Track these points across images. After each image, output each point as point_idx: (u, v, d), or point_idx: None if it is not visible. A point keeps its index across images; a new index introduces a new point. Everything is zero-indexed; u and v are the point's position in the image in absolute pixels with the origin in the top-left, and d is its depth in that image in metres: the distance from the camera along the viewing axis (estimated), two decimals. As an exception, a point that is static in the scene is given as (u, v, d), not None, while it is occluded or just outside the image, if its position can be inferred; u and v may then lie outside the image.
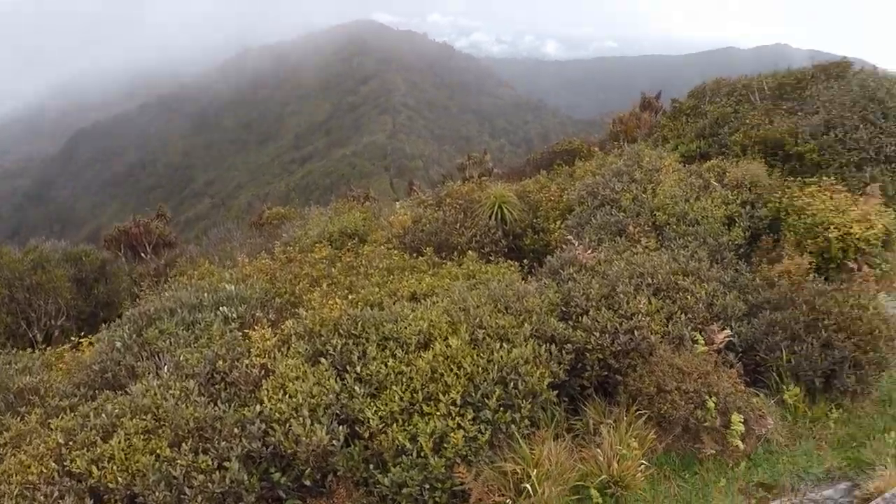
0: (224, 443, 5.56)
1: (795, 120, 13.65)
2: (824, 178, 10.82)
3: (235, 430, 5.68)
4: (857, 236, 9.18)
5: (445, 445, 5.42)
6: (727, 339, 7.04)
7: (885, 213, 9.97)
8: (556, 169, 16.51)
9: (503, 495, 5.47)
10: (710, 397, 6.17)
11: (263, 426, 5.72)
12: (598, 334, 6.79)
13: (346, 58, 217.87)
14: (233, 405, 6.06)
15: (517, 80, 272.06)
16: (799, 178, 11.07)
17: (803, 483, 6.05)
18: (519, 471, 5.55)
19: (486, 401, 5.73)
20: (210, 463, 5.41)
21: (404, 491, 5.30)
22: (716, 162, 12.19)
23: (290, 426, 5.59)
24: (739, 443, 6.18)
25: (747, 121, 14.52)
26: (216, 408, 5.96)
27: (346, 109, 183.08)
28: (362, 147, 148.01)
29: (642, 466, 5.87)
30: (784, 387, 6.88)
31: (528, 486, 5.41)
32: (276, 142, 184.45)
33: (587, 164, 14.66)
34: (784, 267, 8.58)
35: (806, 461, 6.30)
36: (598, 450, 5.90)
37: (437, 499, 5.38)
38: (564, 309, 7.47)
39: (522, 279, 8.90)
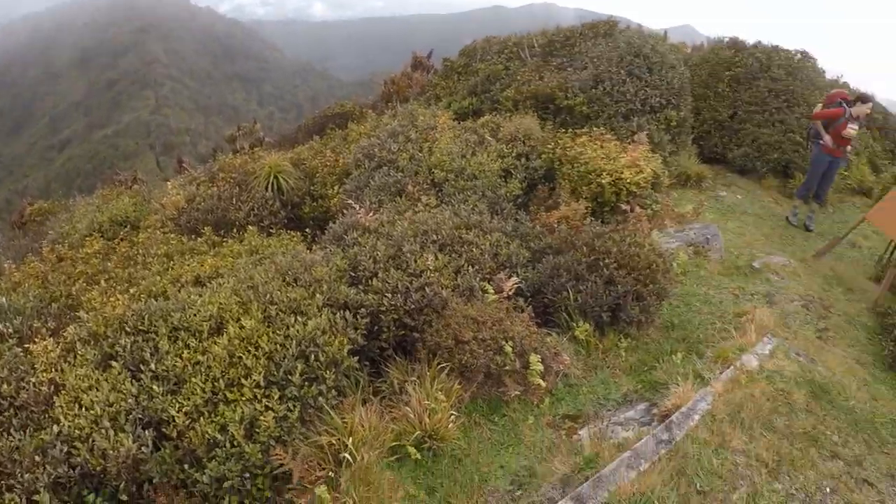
0: (28, 475, 5.32)
1: (565, 75, 15.07)
2: (594, 128, 12.16)
3: (37, 458, 5.44)
4: (628, 181, 10.48)
5: (257, 430, 5.53)
6: (515, 285, 7.75)
7: (653, 158, 11.45)
8: (330, 133, 16.96)
9: (324, 469, 5.73)
10: (507, 342, 6.80)
11: (65, 447, 5.53)
12: (390, 295, 7.18)
13: (102, 28, 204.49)
14: (28, 431, 5.75)
15: (285, 43, 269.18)
16: (570, 130, 12.28)
17: (605, 409, 6.91)
18: (335, 442, 5.81)
19: (290, 377, 5.90)
20: (18, 500, 5.19)
21: (225, 485, 5.37)
22: (490, 118, 13.24)
23: (93, 441, 5.47)
24: (540, 381, 6.89)
25: (518, 77, 15.79)
26: (11, 438, 5.65)
27: (104, 86, 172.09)
28: (124, 125, 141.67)
29: (453, 417, 6.36)
30: (574, 324, 7.74)
31: (346, 455, 5.69)
32: (30, 128, 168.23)
33: (361, 126, 15.22)
34: (562, 213, 9.62)
35: (604, 389, 7.20)
36: (408, 408, 6.31)
37: (259, 486, 5.50)
38: (353, 274, 7.80)
39: (307, 249, 9.17)
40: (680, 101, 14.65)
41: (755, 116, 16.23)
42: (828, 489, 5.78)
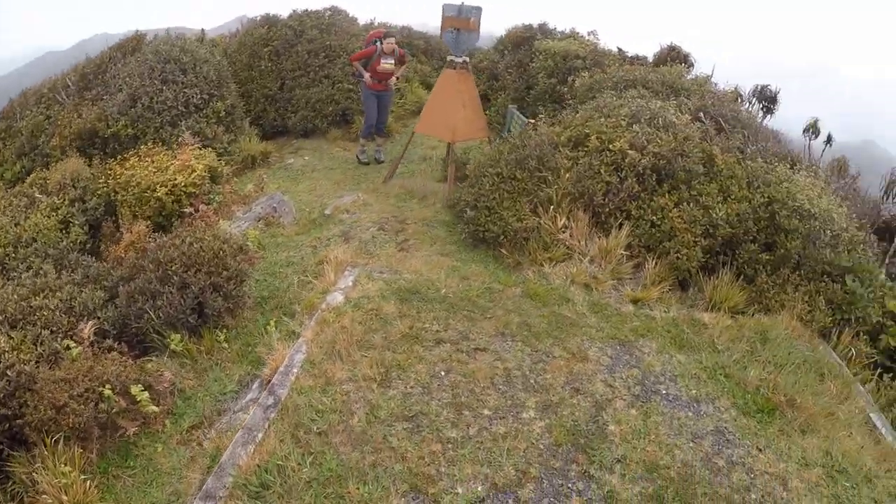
0: None
1: (103, 104, 14.56)
2: (143, 146, 12.01)
3: None
4: (183, 185, 10.51)
5: None
6: (94, 328, 7.47)
7: (205, 154, 11.58)
8: None
9: None
10: (104, 387, 6.62)
11: None
12: (-26, 400, 6.72)
13: None
14: None
15: None
16: (119, 157, 11.95)
17: (226, 403, 6.98)
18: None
19: None
20: None
21: None
22: (35, 174, 12.52)
23: None
24: (153, 407, 6.76)
25: (59, 122, 15.03)
26: None
27: None
28: None
29: (89, 483, 6.08)
30: (167, 340, 7.66)
31: None
32: None
33: None
34: (127, 241, 9.41)
35: (220, 386, 7.22)
36: (44, 496, 5.84)
37: None
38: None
39: None
40: (223, 91, 14.90)
41: (302, 80, 16.93)
42: (442, 372, 6.33)
